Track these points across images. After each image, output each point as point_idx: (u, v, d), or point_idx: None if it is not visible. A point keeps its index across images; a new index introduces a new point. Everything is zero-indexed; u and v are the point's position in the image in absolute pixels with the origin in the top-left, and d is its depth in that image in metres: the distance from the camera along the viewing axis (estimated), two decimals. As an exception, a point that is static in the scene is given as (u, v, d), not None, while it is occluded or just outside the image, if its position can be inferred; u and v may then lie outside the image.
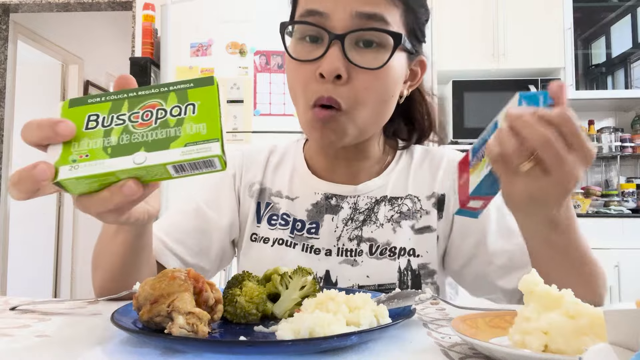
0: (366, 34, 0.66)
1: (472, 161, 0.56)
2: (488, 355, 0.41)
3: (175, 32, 2.75)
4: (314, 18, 0.67)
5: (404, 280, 0.75)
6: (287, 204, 0.82)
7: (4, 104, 3.80)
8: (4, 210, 3.85)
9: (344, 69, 0.66)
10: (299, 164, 0.85)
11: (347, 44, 0.66)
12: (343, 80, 0.66)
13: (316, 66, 0.67)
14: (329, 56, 0.65)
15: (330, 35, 0.66)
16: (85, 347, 0.46)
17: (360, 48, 0.67)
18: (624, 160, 3.24)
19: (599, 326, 0.37)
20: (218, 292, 0.53)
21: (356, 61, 0.66)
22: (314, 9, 0.66)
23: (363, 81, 0.67)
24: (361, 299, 0.50)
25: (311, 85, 0.68)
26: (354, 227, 0.79)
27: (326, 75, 0.65)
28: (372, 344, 0.46)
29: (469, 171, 0.56)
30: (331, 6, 0.66)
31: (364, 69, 0.66)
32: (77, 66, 4.68)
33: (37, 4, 3.60)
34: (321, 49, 0.67)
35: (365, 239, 0.78)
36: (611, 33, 3.14)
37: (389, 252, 0.76)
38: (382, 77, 0.68)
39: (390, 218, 0.78)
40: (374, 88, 0.68)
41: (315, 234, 0.79)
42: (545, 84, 2.88)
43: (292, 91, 0.72)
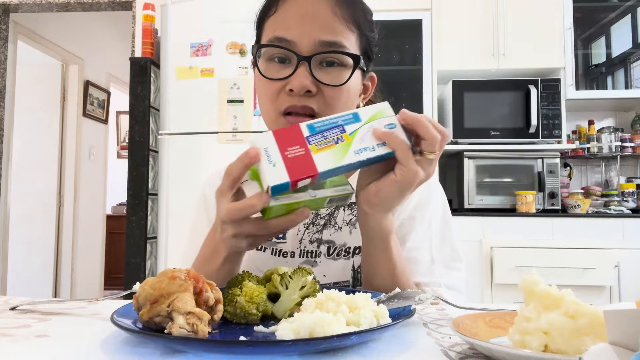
0: (328, 56, 0.77)
1: (314, 139, 0.59)
2: (488, 355, 0.41)
3: (175, 32, 2.75)
4: (283, 44, 0.76)
5: (357, 277, 0.82)
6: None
7: (4, 104, 3.80)
8: (4, 210, 3.85)
9: (312, 85, 0.75)
10: None
11: (313, 64, 0.75)
12: (313, 93, 0.76)
13: (284, 83, 0.76)
14: (298, 75, 0.75)
15: (298, 57, 0.75)
16: (85, 347, 0.46)
17: (323, 67, 0.77)
18: (624, 160, 3.24)
19: (599, 326, 0.37)
20: (218, 292, 0.53)
21: (322, 79, 0.76)
22: (282, 37, 0.76)
23: (330, 94, 0.77)
24: (361, 299, 0.50)
25: (281, 97, 0.77)
26: (315, 231, 0.85)
27: (296, 90, 0.75)
28: (372, 344, 0.46)
29: (307, 146, 0.58)
30: (298, 35, 0.75)
31: (329, 85, 0.76)
32: (77, 66, 4.68)
33: (37, 4, 3.61)
34: (289, 68, 0.76)
35: (324, 241, 0.85)
36: (611, 33, 3.14)
37: (344, 252, 0.83)
38: (345, 91, 0.78)
39: (348, 222, 0.85)
40: (339, 99, 0.78)
41: (283, 239, 0.86)
42: (545, 84, 2.88)
43: (262, 100, 0.82)
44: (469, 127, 2.90)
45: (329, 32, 0.76)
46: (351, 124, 0.61)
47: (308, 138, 0.59)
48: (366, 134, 0.61)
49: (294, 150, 0.58)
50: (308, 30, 0.75)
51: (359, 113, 0.61)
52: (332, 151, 0.59)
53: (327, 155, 0.58)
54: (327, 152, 0.58)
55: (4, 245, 3.90)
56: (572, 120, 3.24)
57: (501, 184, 2.90)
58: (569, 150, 3.12)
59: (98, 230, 4.97)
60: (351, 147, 0.59)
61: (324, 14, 0.76)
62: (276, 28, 0.78)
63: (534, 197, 2.78)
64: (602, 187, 3.23)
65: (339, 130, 0.60)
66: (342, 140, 0.59)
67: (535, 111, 2.85)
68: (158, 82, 2.88)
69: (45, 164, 4.46)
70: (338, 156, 0.59)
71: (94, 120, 4.93)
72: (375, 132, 0.60)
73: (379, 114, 0.62)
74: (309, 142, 0.59)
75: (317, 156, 0.58)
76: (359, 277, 0.81)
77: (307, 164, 0.57)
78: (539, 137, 2.87)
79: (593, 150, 3.12)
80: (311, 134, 0.59)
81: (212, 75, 2.68)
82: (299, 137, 0.59)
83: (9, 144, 3.89)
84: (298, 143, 0.58)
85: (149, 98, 2.80)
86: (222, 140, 2.64)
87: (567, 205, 2.90)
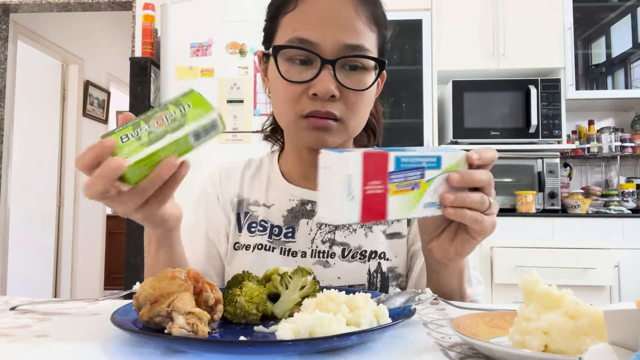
0: (352, 60, 0.75)
1: (397, 179, 0.54)
2: (488, 355, 0.41)
3: (175, 32, 2.75)
4: (306, 45, 0.73)
5: (373, 282, 0.80)
6: (264, 211, 0.87)
7: (4, 104, 3.80)
8: (4, 210, 3.85)
9: (336, 90, 0.73)
10: (274, 174, 0.91)
11: (336, 68, 0.73)
12: (336, 98, 0.74)
13: (307, 86, 0.74)
14: (322, 79, 0.72)
15: (322, 60, 0.73)
16: (85, 347, 0.46)
17: (346, 71, 0.75)
18: (624, 160, 3.24)
19: (599, 326, 0.37)
20: (218, 292, 0.53)
21: (345, 83, 0.74)
22: (305, 38, 0.73)
23: (352, 98, 0.75)
24: (361, 299, 0.50)
25: (303, 100, 0.75)
26: (327, 231, 0.84)
27: (321, 95, 0.73)
28: (372, 344, 0.46)
29: (387, 185, 0.53)
30: (321, 37, 0.73)
31: (353, 90, 0.75)
32: (77, 66, 4.68)
33: (37, 4, 3.61)
34: (311, 71, 0.74)
35: (338, 243, 0.83)
36: (611, 33, 3.14)
37: (360, 256, 0.82)
38: (366, 94, 0.77)
39: (363, 224, 0.83)
40: (361, 103, 0.77)
41: (292, 238, 0.84)
42: (545, 84, 2.88)
43: (280, 104, 0.79)
44: (469, 127, 2.90)
45: (353, 35, 0.74)
46: (431, 170, 0.55)
47: (391, 175, 0.53)
48: (439, 186, 0.56)
49: (374, 186, 0.53)
50: (331, 32, 0.73)
51: (442, 158, 0.56)
52: (405, 197, 0.54)
53: (400, 201, 0.54)
54: (401, 198, 0.54)
55: (4, 245, 3.90)
56: (572, 120, 3.24)
57: (501, 184, 2.90)
58: (569, 150, 3.12)
59: (98, 230, 4.97)
60: (422, 199, 0.55)
61: (347, 13, 0.73)
62: (297, 27, 0.74)
63: (534, 197, 2.78)
64: (602, 187, 3.23)
65: (419, 175, 0.55)
66: (417, 188, 0.55)
67: (535, 111, 2.85)
68: (158, 82, 2.88)
69: (45, 164, 4.46)
70: (409, 205, 0.54)
71: (94, 120, 4.93)
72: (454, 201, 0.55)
73: (459, 164, 0.57)
74: (390, 180, 0.53)
75: (392, 199, 0.53)
76: (374, 282, 0.80)
77: (380, 206, 0.53)
78: (539, 137, 2.87)
79: (593, 150, 3.12)
80: (395, 171, 0.53)
81: (212, 75, 2.68)
82: (383, 169, 0.53)
83: (9, 144, 3.89)
84: (380, 178, 0.53)
85: (149, 98, 2.80)
86: (222, 140, 2.64)
87: (567, 205, 2.90)
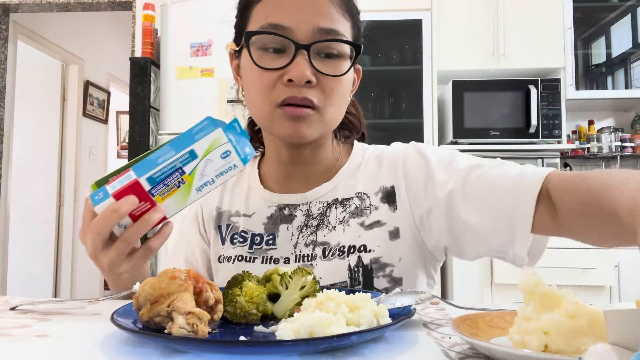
0: (328, 45, 0.73)
1: (159, 190, 0.62)
2: (488, 355, 0.41)
3: (175, 32, 2.75)
4: (279, 31, 0.71)
5: (354, 277, 0.78)
6: (245, 221, 0.86)
7: (4, 104, 3.80)
8: (4, 210, 3.85)
9: (312, 75, 0.71)
10: (253, 182, 0.89)
11: (311, 54, 0.71)
12: (312, 84, 0.72)
13: (281, 73, 0.72)
14: (297, 64, 0.70)
15: (296, 45, 0.71)
16: (85, 347, 0.46)
17: (321, 58, 0.73)
18: (624, 160, 3.24)
19: (599, 326, 0.37)
20: (218, 292, 0.53)
21: (321, 69, 0.72)
22: (278, 24, 0.71)
23: (329, 85, 0.73)
24: (361, 299, 0.50)
25: (278, 88, 0.73)
26: (309, 233, 0.81)
27: (296, 80, 0.70)
28: (372, 344, 0.46)
29: (152, 199, 0.62)
30: (294, 21, 0.71)
31: (329, 76, 0.73)
32: (77, 66, 4.68)
33: (37, 4, 3.61)
34: (285, 57, 0.72)
35: (319, 243, 0.80)
36: (611, 33, 3.14)
37: (339, 252, 0.79)
38: (343, 82, 0.75)
39: (342, 220, 0.81)
40: (337, 90, 0.75)
41: (273, 245, 0.82)
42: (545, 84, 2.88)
43: (253, 93, 0.76)
44: (469, 127, 2.90)
45: (328, 19, 0.72)
46: (189, 163, 0.62)
47: (151, 191, 0.61)
48: (204, 168, 0.62)
49: (142, 206, 0.62)
50: (306, 16, 0.71)
51: (194, 150, 0.62)
52: (176, 195, 0.62)
53: (173, 200, 0.63)
54: (172, 198, 0.62)
55: (4, 245, 3.90)
56: (572, 120, 3.24)
57: (501, 184, 2.89)
58: (569, 150, 3.12)
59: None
60: (193, 186, 0.63)
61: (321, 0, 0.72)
62: (269, 14, 0.73)
63: (534, 197, 2.78)
64: (602, 187, 3.23)
65: (179, 174, 0.62)
66: (183, 183, 0.62)
67: (535, 111, 2.85)
68: (158, 82, 2.88)
69: (45, 164, 4.46)
70: (182, 199, 0.63)
71: (94, 120, 4.93)
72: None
73: (214, 144, 0.62)
74: (153, 195, 0.62)
75: (164, 204, 0.62)
76: (356, 277, 0.77)
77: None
78: (539, 137, 2.87)
79: (593, 150, 3.12)
80: (153, 186, 0.61)
81: (212, 75, 2.68)
82: (142, 192, 0.61)
83: (9, 144, 3.89)
84: (144, 199, 0.61)
85: (149, 98, 2.80)
86: (222, 140, 2.64)
87: (567, 205, 2.89)
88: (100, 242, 0.64)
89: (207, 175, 0.63)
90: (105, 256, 0.65)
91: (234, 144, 0.63)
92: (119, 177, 0.62)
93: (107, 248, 0.65)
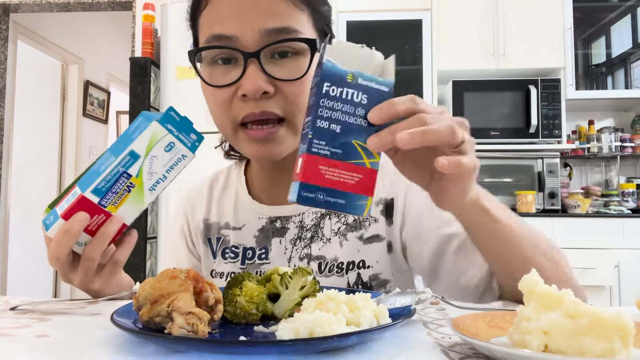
0: (279, 46, 0.65)
1: (109, 200, 0.59)
2: (488, 355, 0.41)
3: (175, 32, 2.75)
4: (223, 42, 0.65)
5: None
6: (235, 235, 0.81)
7: (4, 104, 3.80)
8: (4, 210, 3.85)
9: (268, 85, 0.64)
10: (240, 190, 0.84)
11: (263, 60, 0.64)
12: (270, 94, 0.65)
13: (235, 87, 0.65)
14: (249, 76, 0.64)
15: (244, 54, 0.64)
16: (85, 347, 0.46)
17: (276, 59, 0.66)
18: (624, 160, 3.24)
19: (599, 326, 0.37)
20: (218, 292, 0.53)
21: (277, 75, 0.65)
22: (220, 34, 0.65)
23: (291, 90, 0.66)
24: (361, 299, 0.50)
25: (235, 105, 0.67)
26: (303, 246, 0.77)
27: (250, 94, 0.64)
28: (372, 344, 0.46)
29: (105, 210, 0.59)
30: (238, 28, 0.64)
31: (287, 81, 0.66)
32: (77, 66, 4.68)
33: (37, 4, 3.61)
34: (237, 69, 0.65)
35: (314, 257, 0.76)
36: (611, 33, 3.14)
37: (337, 269, 0.74)
38: (307, 82, 0.67)
39: (337, 231, 0.76)
40: (302, 93, 0.66)
41: (266, 259, 0.78)
42: (545, 84, 2.88)
43: (214, 114, 0.71)
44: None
45: (275, 18, 0.65)
46: (133, 165, 0.59)
47: (101, 202, 0.59)
48: (151, 166, 0.60)
49: (98, 219, 0.60)
50: (249, 20, 0.64)
51: (134, 150, 0.59)
52: (129, 200, 0.60)
53: (128, 206, 0.60)
54: (126, 204, 0.60)
55: (4, 245, 3.90)
56: (572, 120, 3.24)
57: (501, 184, 2.90)
58: (569, 150, 3.12)
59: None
60: (144, 188, 0.60)
61: None
62: (212, 24, 0.66)
63: (534, 197, 2.78)
64: (602, 187, 3.23)
65: (125, 178, 0.59)
66: (132, 186, 0.60)
67: (535, 111, 2.85)
68: (158, 82, 2.88)
69: (45, 163, 4.46)
70: (137, 202, 0.60)
71: (94, 120, 4.93)
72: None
73: (154, 138, 0.59)
74: (104, 206, 0.59)
75: (119, 211, 0.60)
76: None
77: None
78: (539, 137, 2.87)
79: (593, 150, 3.12)
80: (102, 198, 0.59)
81: (212, 75, 2.68)
82: (93, 206, 0.59)
83: (9, 144, 3.89)
84: (97, 212, 0.59)
85: (149, 98, 2.80)
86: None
87: (567, 205, 2.90)
88: (64, 264, 0.61)
89: (157, 173, 0.60)
90: (75, 277, 0.63)
91: (175, 134, 0.60)
92: (67, 195, 0.60)
93: (75, 269, 0.63)
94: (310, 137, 0.45)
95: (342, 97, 0.45)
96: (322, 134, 0.45)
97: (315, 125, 0.45)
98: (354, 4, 3.02)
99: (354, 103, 0.45)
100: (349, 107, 0.45)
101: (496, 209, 0.56)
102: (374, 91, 0.46)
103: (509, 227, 0.58)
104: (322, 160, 0.45)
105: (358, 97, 0.45)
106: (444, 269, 0.72)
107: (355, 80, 0.45)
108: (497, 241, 0.59)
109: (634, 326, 0.37)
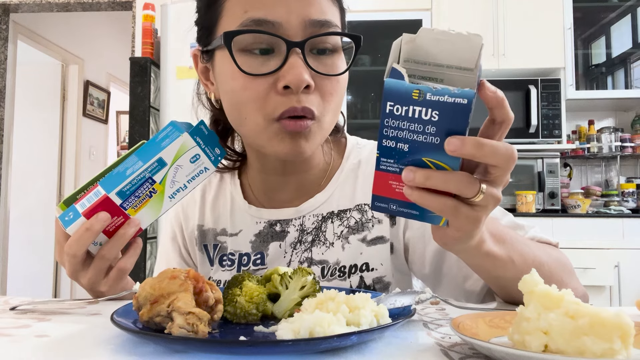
0: (322, 40, 0.62)
1: (131, 203, 0.61)
2: (488, 355, 0.41)
3: (175, 32, 2.75)
4: (265, 27, 0.60)
5: None
6: (232, 241, 0.80)
7: (4, 104, 3.80)
8: (4, 210, 3.85)
9: (311, 78, 0.61)
10: (236, 195, 0.81)
11: (306, 52, 0.61)
12: (311, 89, 0.61)
13: (274, 78, 0.61)
14: (293, 67, 0.59)
15: (288, 43, 0.59)
16: (85, 347, 0.46)
17: (315, 55, 0.63)
18: (624, 160, 3.24)
19: (599, 326, 0.37)
20: (218, 292, 0.53)
21: (319, 69, 0.62)
22: (262, 19, 0.60)
23: (328, 87, 0.64)
24: (361, 299, 0.50)
25: (271, 98, 0.62)
26: (304, 249, 0.75)
27: (294, 86, 0.59)
28: (372, 344, 0.46)
29: (125, 212, 0.61)
30: (284, 15, 0.60)
31: (329, 76, 0.63)
32: (77, 66, 4.68)
33: (37, 4, 3.61)
34: (275, 59, 0.61)
35: (316, 262, 0.74)
36: (611, 33, 3.14)
37: (339, 272, 0.72)
38: (342, 81, 0.66)
39: (340, 235, 0.74)
40: (336, 93, 0.65)
41: (262, 264, 0.76)
42: (545, 84, 2.88)
43: (241, 108, 0.64)
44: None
45: (318, 9, 0.61)
46: (159, 172, 0.61)
47: (123, 205, 0.61)
48: (175, 175, 0.62)
49: (116, 221, 0.61)
50: (294, 7, 0.60)
51: (162, 157, 0.61)
52: (149, 205, 0.62)
53: (146, 211, 0.62)
54: (145, 209, 0.62)
55: (4, 245, 3.90)
56: (572, 120, 3.24)
57: (501, 184, 2.90)
58: (569, 150, 3.12)
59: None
60: (165, 195, 0.62)
61: None
62: (249, 7, 0.61)
63: (534, 197, 2.78)
64: (602, 187, 3.24)
65: (150, 184, 0.61)
66: (155, 192, 0.62)
67: (535, 111, 2.85)
68: (158, 82, 2.88)
69: (45, 163, 4.46)
70: (156, 208, 0.63)
71: (94, 120, 4.93)
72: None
73: (182, 149, 0.61)
74: (125, 208, 0.61)
75: (138, 215, 0.62)
76: None
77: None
78: (539, 137, 2.87)
79: (593, 150, 3.12)
80: (124, 200, 0.61)
81: (212, 75, 2.68)
82: (114, 207, 0.60)
83: (9, 144, 3.89)
84: (117, 214, 0.61)
85: (149, 98, 2.80)
86: (222, 140, 2.64)
87: (567, 205, 2.90)
88: (77, 263, 0.62)
89: (179, 182, 0.62)
90: (84, 276, 0.63)
91: (202, 147, 0.62)
92: (87, 194, 0.61)
93: (86, 267, 0.63)
94: (378, 156, 0.44)
95: (408, 115, 0.42)
96: (389, 153, 0.43)
97: (381, 144, 0.43)
98: (354, 4, 3.01)
99: (422, 121, 0.41)
100: (417, 125, 0.42)
101: (502, 249, 0.54)
102: (448, 105, 0.41)
103: (512, 264, 0.56)
104: (391, 176, 0.44)
105: (427, 114, 0.41)
106: (447, 272, 0.70)
107: (423, 96, 0.41)
108: (497, 275, 0.58)
109: (633, 326, 0.37)
